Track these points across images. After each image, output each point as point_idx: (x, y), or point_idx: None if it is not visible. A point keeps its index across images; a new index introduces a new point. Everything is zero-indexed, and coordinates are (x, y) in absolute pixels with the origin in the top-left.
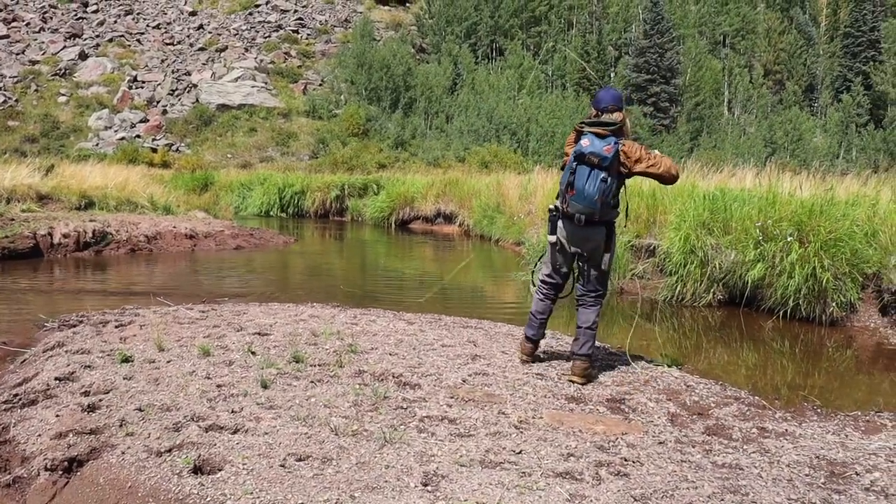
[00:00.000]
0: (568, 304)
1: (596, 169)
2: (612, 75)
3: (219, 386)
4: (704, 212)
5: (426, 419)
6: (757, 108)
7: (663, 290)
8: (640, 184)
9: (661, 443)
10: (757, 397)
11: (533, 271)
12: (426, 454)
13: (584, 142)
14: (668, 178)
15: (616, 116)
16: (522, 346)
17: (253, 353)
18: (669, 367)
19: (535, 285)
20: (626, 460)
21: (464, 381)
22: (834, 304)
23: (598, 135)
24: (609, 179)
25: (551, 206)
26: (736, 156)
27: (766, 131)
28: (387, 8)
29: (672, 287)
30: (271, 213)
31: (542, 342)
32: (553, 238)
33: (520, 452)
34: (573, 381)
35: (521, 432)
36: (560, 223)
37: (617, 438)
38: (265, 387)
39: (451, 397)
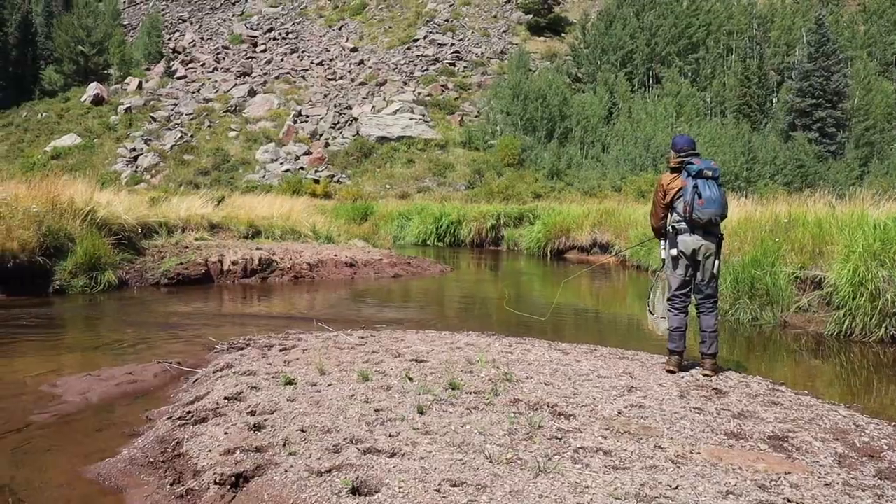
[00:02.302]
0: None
1: (711, 180)
2: (774, 101)
3: (377, 410)
4: (875, 242)
5: (581, 450)
6: None
7: (830, 324)
8: (804, 213)
9: (827, 484)
10: None
11: (648, 300)
12: (580, 485)
13: (696, 161)
14: None
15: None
16: (668, 360)
17: (410, 379)
18: (837, 404)
19: (651, 313)
20: (789, 501)
21: (619, 413)
22: None
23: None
24: (722, 187)
25: (668, 228)
26: None
27: None
28: (542, 39)
29: (840, 321)
30: (428, 242)
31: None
32: (675, 252)
33: (676, 488)
34: (706, 374)
35: (678, 467)
36: (679, 238)
37: (779, 478)
38: (421, 412)
39: (607, 429)
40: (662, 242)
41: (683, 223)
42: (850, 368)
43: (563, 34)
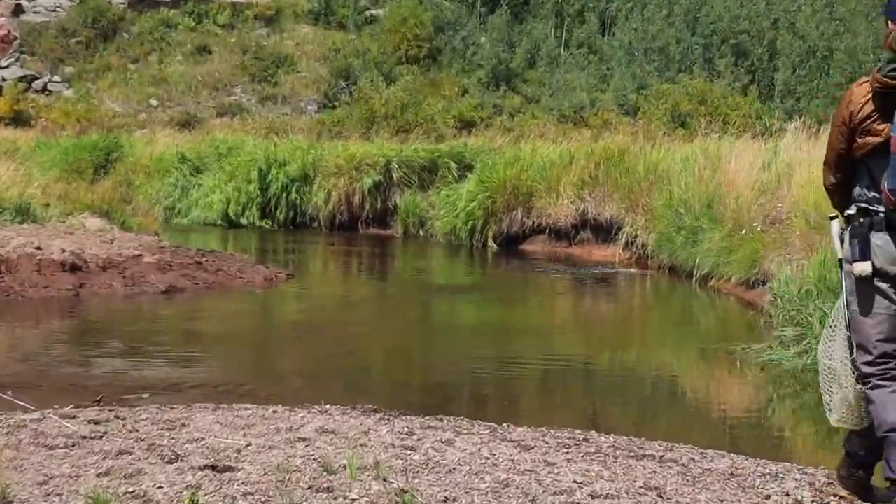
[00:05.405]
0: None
1: None
2: None
3: None
4: None
5: None
6: None
7: None
8: None
9: None
10: None
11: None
12: None
13: None
14: None
15: None
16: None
17: None
18: None
19: (829, 379)
20: None
21: None
22: None
23: None
24: None
25: (851, 211)
26: None
27: None
28: None
29: None
30: (243, 219)
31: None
32: (867, 267)
33: None
34: None
35: None
36: (875, 240)
37: None
38: None
39: None
40: (836, 229)
41: (881, 207)
42: None
43: None
